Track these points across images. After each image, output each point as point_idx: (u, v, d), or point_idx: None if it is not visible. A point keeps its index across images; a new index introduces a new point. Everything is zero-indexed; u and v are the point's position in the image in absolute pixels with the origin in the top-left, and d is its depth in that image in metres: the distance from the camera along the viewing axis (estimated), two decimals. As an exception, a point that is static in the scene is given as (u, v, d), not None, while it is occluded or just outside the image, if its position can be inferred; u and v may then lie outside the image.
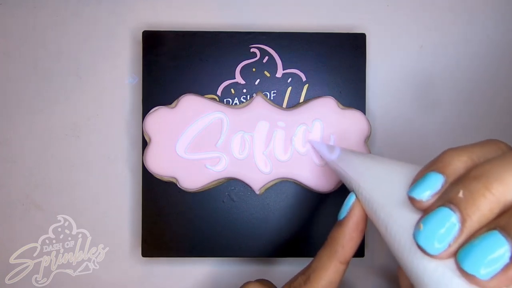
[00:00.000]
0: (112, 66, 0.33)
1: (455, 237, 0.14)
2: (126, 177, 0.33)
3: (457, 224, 0.14)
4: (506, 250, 0.13)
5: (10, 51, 0.33)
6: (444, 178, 0.15)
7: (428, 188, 0.15)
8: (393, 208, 0.17)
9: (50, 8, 0.33)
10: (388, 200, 0.17)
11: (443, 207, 0.14)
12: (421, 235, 0.14)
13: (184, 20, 0.33)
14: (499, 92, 0.33)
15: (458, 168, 0.15)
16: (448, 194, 0.15)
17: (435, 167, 0.16)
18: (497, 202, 0.13)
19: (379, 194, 0.18)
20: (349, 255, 0.21)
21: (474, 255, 0.13)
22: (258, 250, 0.31)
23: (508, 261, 0.13)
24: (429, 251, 0.14)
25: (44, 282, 0.32)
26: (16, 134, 0.33)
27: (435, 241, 0.14)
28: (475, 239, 0.13)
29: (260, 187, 0.30)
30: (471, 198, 0.14)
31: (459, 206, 0.14)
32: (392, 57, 0.33)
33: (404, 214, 0.16)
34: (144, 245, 0.31)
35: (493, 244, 0.13)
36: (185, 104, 0.30)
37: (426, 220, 0.15)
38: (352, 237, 0.21)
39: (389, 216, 0.17)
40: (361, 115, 0.30)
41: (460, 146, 0.16)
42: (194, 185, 0.30)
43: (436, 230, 0.14)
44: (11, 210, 0.33)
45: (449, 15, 0.34)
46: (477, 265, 0.13)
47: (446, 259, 0.14)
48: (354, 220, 0.20)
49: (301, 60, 0.31)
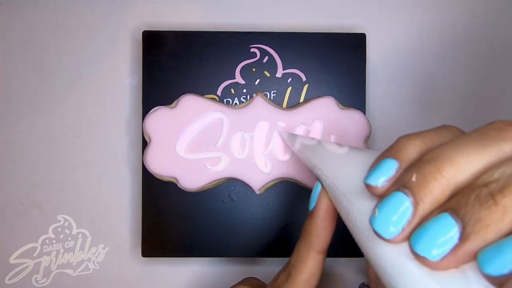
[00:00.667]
0: (112, 66, 0.33)
1: (408, 220, 0.14)
2: (126, 177, 0.33)
3: (410, 207, 0.14)
4: (455, 232, 0.13)
5: (10, 51, 0.33)
6: (398, 164, 0.15)
7: (382, 174, 0.15)
8: (353, 195, 0.17)
9: (50, 8, 0.33)
10: (349, 188, 0.18)
11: (397, 192, 0.14)
12: (376, 220, 0.15)
13: (184, 20, 0.33)
14: (499, 92, 0.33)
15: (411, 153, 0.15)
16: (402, 179, 0.15)
17: (389, 154, 0.16)
18: (448, 184, 0.14)
19: (340, 182, 0.18)
20: (325, 244, 0.21)
21: (425, 237, 0.13)
22: (258, 250, 0.31)
23: (457, 242, 0.13)
24: (384, 236, 0.14)
25: (44, 282, 0.32)
26: (16, 134, 0.33)
27: (390, 226, 0.14)
28: (427, 222, 0.14)
29: (260, 187, 0.30)
30: (423, 182, 0.14)
31: (412, 190, 0.14)
32: (392, 57, 0.33)
33: (363, 201, 0.16)
34: (144, 245, 0.31)
35: (443, 226, 0.13)
36: (185, 104, 0.30)
37: (380, 205, 0.15)
38: (325, 225, 0.21)
39: (349, 203, 0.17)
40: (361, 115, 0.30)
41: (414, 132, 0.16)
42: (194, 185, 0.30)
43: (390, 214, 0.14)
44: (11, 210, 0.33)
45: (449, 15, 0.34)
46: (428, 247, 0.13)
47: (401, 243, 0.14)
48: (324, 209, 0.21)
49: (301, 60, 0.31)
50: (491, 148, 0.14)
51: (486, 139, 0.14)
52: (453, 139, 0.15)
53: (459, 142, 0.14)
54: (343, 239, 0.30)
